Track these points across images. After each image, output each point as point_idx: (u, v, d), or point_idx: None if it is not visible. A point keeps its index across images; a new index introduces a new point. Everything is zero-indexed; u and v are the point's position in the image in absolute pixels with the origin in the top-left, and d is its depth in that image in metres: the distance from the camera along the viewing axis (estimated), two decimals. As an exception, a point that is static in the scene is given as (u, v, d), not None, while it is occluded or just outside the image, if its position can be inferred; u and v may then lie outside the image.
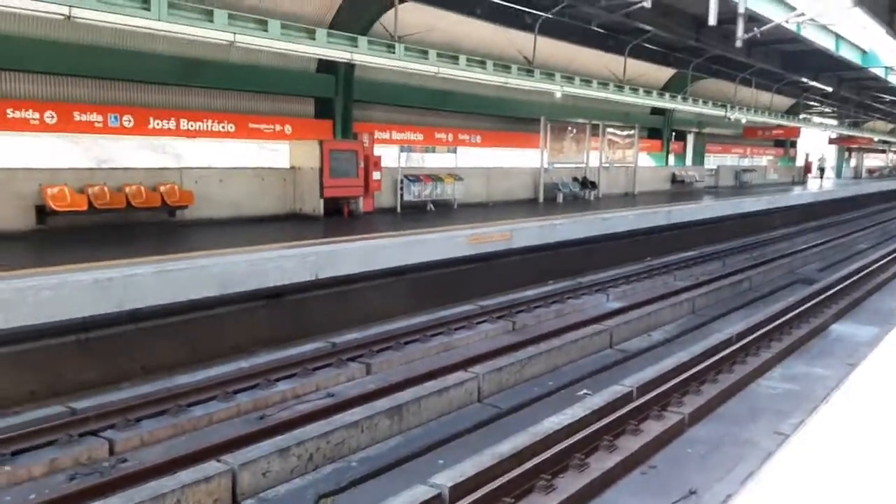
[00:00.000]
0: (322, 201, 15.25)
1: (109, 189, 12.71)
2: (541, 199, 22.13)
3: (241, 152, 25.36)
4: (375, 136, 17.40)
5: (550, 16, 17.72)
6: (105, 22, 10.21)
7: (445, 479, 5.87)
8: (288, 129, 16.71)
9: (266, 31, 11.98)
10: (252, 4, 14.68)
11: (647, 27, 19.50)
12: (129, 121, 14.46)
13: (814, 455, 3.91)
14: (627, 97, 22.47)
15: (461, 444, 7.62)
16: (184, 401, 8.07)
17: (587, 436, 6.96)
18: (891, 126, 55.46)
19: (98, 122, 14.09)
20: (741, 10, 14.68)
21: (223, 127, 15.67)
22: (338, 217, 15.64)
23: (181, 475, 6.08)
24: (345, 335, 10.77)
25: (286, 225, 14.43)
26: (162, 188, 13.40)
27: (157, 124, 14.93)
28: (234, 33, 11.74)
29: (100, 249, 10.41)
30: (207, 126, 15.43)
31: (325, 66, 16.67)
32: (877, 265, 18.38)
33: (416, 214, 17.06)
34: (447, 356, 10.34)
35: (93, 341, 8.86)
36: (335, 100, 17.29)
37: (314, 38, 12.54)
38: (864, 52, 27.04)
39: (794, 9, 18.57)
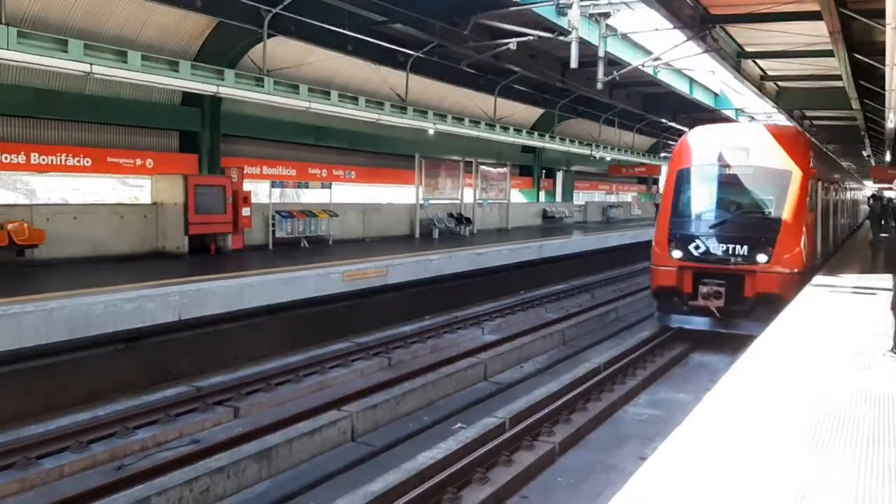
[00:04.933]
0: (187, 238, 14.65)
1: (-53, 227, 11.71)
2: (417, 234, 22.25)
3: (102, 187, 24.09)
4: (245, 171, 16.98)
5: (421, 55, 18.02)
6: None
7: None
8: (150, 163, 16.01)
9: (125, 62, 11.50)
10: (113, 34, 14.09)
11: (516, 68, 20.19)
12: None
13: (668, 476, 4.04)
14: (498, 135, 23.10)
15: (333, 485, 7.40)
16: (33, 453, 7.45)
17: (460, 469, 6.92)
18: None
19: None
20: (601, 53, 15.46)
21: (79, 161, 14.81)
22: (204, 255, 15.05)
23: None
24: (211, 378, 10.30)
25: (148, 263, 13.73)
26: (9, 226, 12.44)
27: (5, 158, 13.94)
28: (91, 64, 11.20)
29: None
30: (61, 160, 14.54)
31: (191, 98, 16.17)
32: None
33: (289, 251, 16.69)
34: (320, 395, 10.08)
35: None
36: (201, 133, 16.76)
37: (177, 71, 12.14)
38: (716, 94, 29.17)
39: (650, 53, 19.79)
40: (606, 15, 14.59)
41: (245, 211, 15.84)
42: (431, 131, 20.49)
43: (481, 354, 12.25)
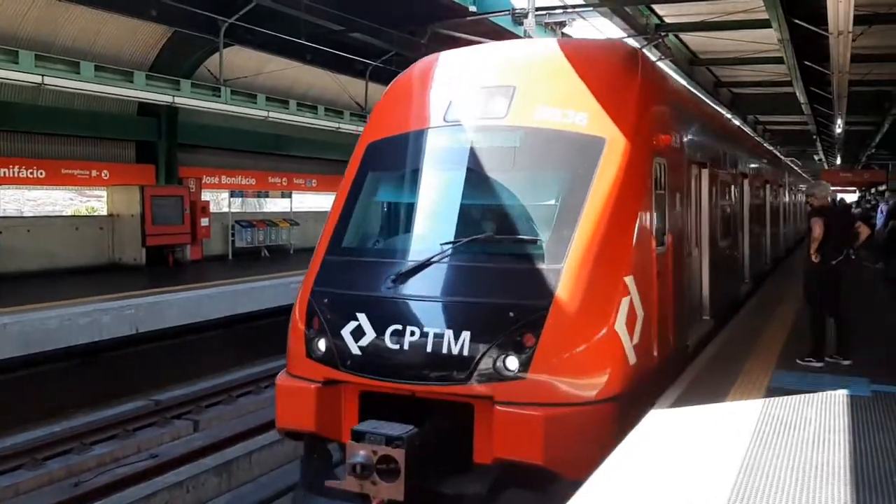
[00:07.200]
0: (144, 250, 14.49)
1: None
2: (379, 241, 22.20)
3: (59, 197, 23.62)
4: (204, 181, 16.83)
5: (380, 64, 18.05)
6: None
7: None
8: (105, 174, 15.71)
9: (78, 73, 11.36)
10: (66, 45, 13.86)
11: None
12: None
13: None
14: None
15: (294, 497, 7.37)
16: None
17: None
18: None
19: None
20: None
21: (32, 173, 14.48)
22: (162, 266, 14.89)
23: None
24: (171, 391, 10.19)
25: (104, 276, 13.54)
26: (-40, 241, 12.22)
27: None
28: (42, 75, 11.05)
29: None
30: (14, 172, 14.20)
31: (147, 108, 15.94)
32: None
33: (249, 261, 16.59)
34: (281, 406, 10.02)
35: None
36: (158, 144, 16.49)
37: (132, 81, 12.03)
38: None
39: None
40: (562, 24, 14.76)
41: (203, 221, 15.73)
42: (392, 139, 20.51)
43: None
